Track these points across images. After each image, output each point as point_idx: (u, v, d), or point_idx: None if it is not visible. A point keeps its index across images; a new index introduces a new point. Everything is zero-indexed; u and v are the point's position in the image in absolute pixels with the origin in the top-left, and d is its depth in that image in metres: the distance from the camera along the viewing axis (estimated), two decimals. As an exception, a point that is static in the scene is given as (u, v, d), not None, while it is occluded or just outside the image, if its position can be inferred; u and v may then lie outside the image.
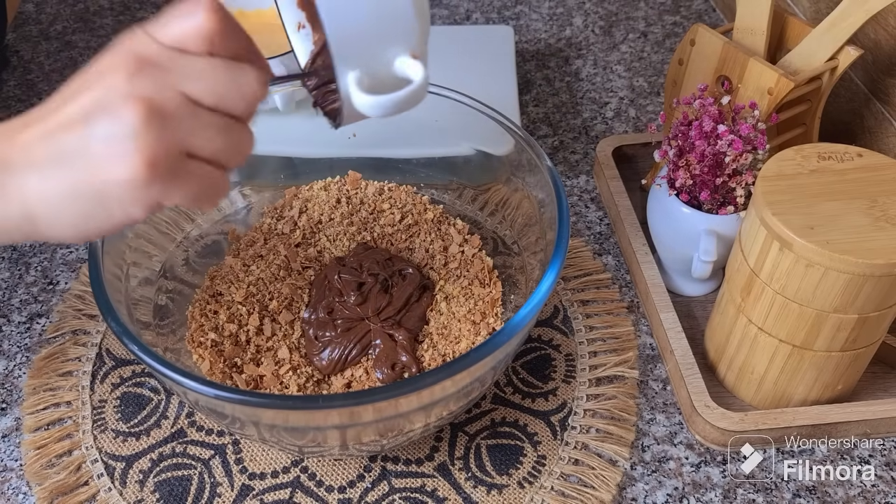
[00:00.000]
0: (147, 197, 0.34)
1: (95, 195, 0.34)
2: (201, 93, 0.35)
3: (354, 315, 0.58)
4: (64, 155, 0.34)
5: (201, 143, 0.35)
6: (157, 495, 0.54)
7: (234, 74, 0.36)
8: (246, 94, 0.36)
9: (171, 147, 0.34)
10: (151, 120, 0.33)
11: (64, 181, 0.34)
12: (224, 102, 0.36)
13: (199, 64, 0.35)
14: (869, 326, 0.51)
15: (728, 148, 0.57)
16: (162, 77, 0.34)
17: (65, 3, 1.07)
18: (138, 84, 0.34)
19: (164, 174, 0.34)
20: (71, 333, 0.64)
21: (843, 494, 0.54)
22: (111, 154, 0.33)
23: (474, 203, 0.66)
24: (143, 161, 0.33)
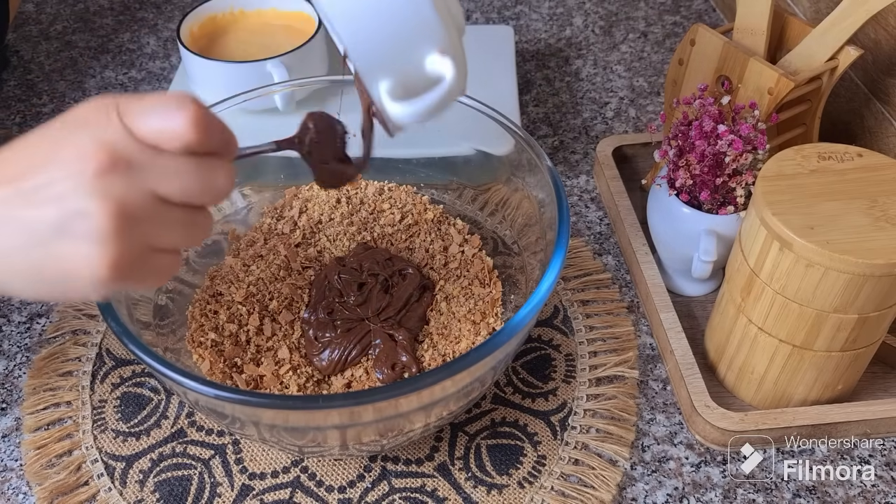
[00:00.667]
0: (106, 290, 0.34)
1: (54, 277, 0.34)
2: (171, 192, 0.35)
3: (354, 315, 0.58)
4: (26, 230, 0.33)
5: (165, 239, 0.35)
6: (157, 495, 0.54)
7: (206, 174, 0.35)
8: (215, 191, 0.36)
9: (136, 248, 0.34)
10: (120, 225, 0.33)
11: (22, 254, 0.34)
12: (192, 199, 0.36)
13: (173, 164, 0.34)
14: (869, 326, 0.51)
15: (728, 148, 0.57)
16: (135, 178, 0.33)
17: (65, 3, 1.07)
18: (110, 184, 0.33)
19: (125, 275, 0.34)
20: (71, 333, 0.64)
21: (843, 494, 0.54)
22: (76, 253, 0.33)
23: (474, 203, 0.66)
24: (108, 265, 0.33)
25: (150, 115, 0.34)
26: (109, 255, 0.33)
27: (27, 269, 0.34)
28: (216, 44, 0.77)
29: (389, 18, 0.35)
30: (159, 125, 0.34)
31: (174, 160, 0.34)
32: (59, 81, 0.92)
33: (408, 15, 0.35)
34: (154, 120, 0.34)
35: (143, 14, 1.05)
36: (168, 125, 0.34)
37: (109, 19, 1.04)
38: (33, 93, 0.91)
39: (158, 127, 0.34)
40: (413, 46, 0.36)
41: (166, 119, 0.34)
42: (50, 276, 0.34)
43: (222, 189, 0.36)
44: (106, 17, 1.05)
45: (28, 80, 0.93)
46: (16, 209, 0.33)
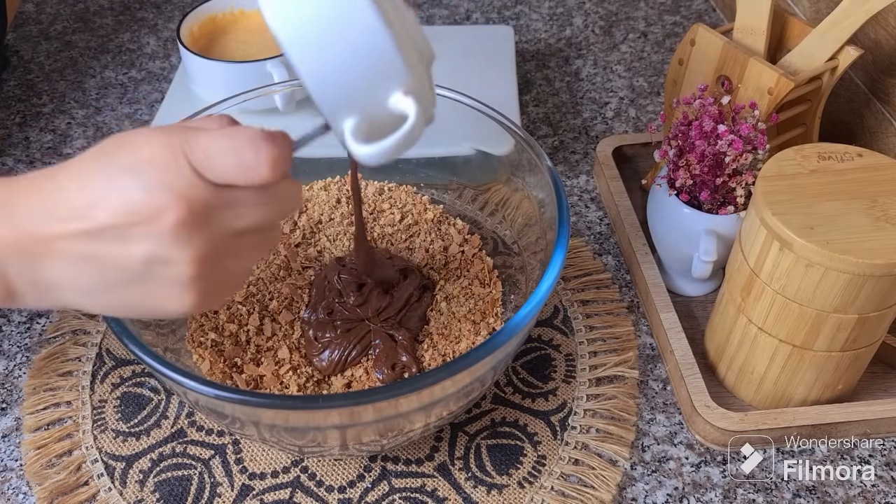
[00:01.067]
0: (195, 313, 0.37)
1: (140, 310, 0.36)
2: (248, 226, 0.36)
3: (354, 316, 0.58)
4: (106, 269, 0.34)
5: (242, 265, 0.38)
6: (157, 495, 0.54)
7: (280, 202, 0.37)
8: (288, 213, 0.38)
9: (216, 281, 0.36)
10: (203, 270, 0.35)
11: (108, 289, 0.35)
12: (266, 224, 0.37)
13: (248, 200, 0.35)
14: (869, 326, 0.51)
15: (728, 148, 0.57)
16: (213, 224, 0.34)
17: (65, 3, 1.07)
18: (189, 235, 0.33)
19: (205, 306, 0.36)
20: (71, 333, 0.64)
21: (843, 494, 0.54)
22: (163, 294, 0.35)
23: (474, 203, 0.66)
24: (193, 303, 0.35)
25: (223, 159, 0.34)
26: (194, 295, 0.35)
27: (112, 300, 0.36)
28: (216, 44, 0.77)
29: (352, 61, 0.35)
30: (236, 169, 0.34)
31: (249, 197, 0.35)
32: (59, 81, 0.92)
33: (371, 58, 0.35)
34: (229, 164, 0.34)
35: (143, 14, 1.05)
36: (246, 167, 0.34)
37: (109, 19, 1.04)
38: (33, 93, 0.91)
39: (235, 170, 0.34)
40: (376, 88, 0.36)
41: (243, 163, 0.34)
42: (136, 309, 0.36)
43: (294, 208, 0.38)
44: (106, 17, 1.05)
45: (28, 80, 0.93)
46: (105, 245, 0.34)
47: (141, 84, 0.92)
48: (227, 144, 0.34)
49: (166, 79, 0.93)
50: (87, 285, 0.35)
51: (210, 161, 0.34)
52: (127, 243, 0.33)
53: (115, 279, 0.35)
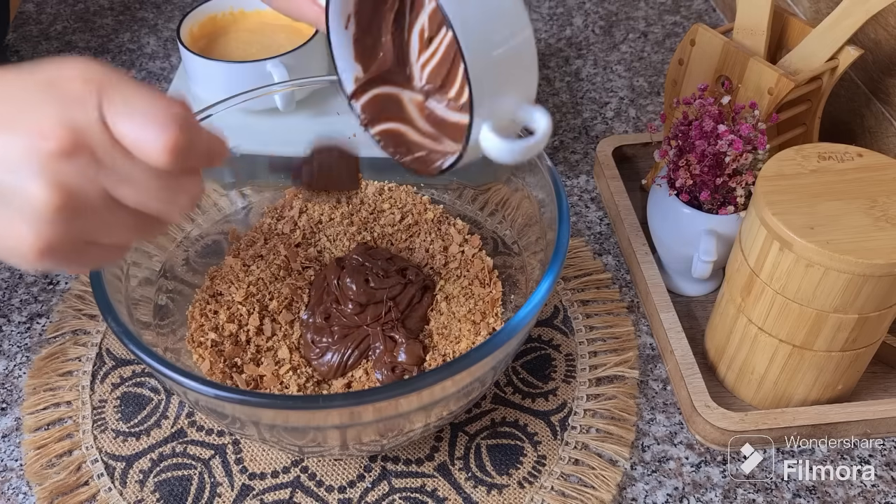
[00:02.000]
0: (34, 266, 0.33)
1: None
2: (127, 197, 0.33)
3: (352, 322, 0.57)
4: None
5: (107, 237, 0.34)
6: (157, 495, 0.54)
7: (170, 193, 0.33)
8: (174, 208, 0.34)
9: (71, 238, 0.32)
10: (60, 215, 0.31)
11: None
12: (149, 210, 0.34)
13: (137, 173, 0.32)
14: (869, 326, 0.51)
15: (728, 148, 0.57)
16: (91, 172, 0.31)
17: (65, 3, 1.07)
18: (63, 170, 0.30)
19: (54, 258, 0.32)
20: (71, 333, 0.64)
21: (843, 494, 0.54)
22: (9, 226, 0.31)
23: (474, 203, 0.66)
24: (37, 248, 0.31)
25: (131, 119, 0.32)
26: (41, 240, 0.31)
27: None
28: (216, 44, 0.77)
29: (510, 63, 0.38)
30: (135, 135, 0.31)
31: (139, 171, 0.32)
32: (59, 81, 0.92)
33: (522, 63, 0.38)
34: (133, 127, 0.31)
35: (143, 14, 1.05)
36: (144, 140, 0.31)
37: (109, 19, 1.04)
38: (33, 93, 0.90)
39: (134, 136, 0.31)
40: (517, 93, 0.39)
41: (145, 132, 0.31)
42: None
43: (183, 208, 0.35)
44: (106, 17, 1.05)
45: (28, 80, 0.93)
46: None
47: (141, 84, 0.92)
48: (144, 105, 0.32)
49: (166, 79, 0.93)
50: None
51: (119, 116, 0.32)
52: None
53: None
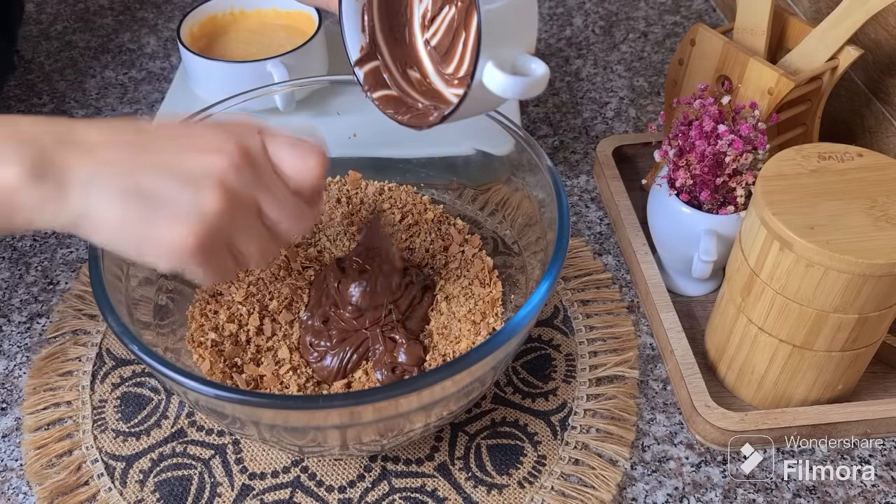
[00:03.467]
0: (176, 262, 0.38)
1: (143, 236, 0.37)
2: (270, 212, 0.40)
3: (350, 327, 0.57)
4: (137, 193, 0.37)
5: (244, 245, 0.40)
6: (157, 495, 0.54)
7: (302, 215, 0.41)
8: (298, 230, 0.42)
9: (221, 238, 0.38)
10: (223, 210, 0.37)
11: (123, 211, 0.37)
12: (279, 227, 0.41)
13: (283, 193, 0.40)
14: (869, 326, 0.51)
15: (728, 148, 0.57)
16: (252, 180, 0.39)
17: (65, 3, 1.07)
18: (231, 175, 0.38)
19: (202, 255, 0.38)
20: (71, 333, 0.64)
21: (844, 494, 0.54)
22: (172, 217, 0.37)
23: (474, 203, 0.66)
24: (196, 238, 0.37)
25: (287, 148, 0.41)
26: (200, 233, 0.37)
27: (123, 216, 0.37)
28: (216, 44, 0.77)
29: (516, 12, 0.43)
30: (291, 160, 0.40)
31: (285, 190, 0.40)
32: (60, 81, 0.92)
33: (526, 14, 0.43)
34: (294, 154, 0.41)
35: (143, 14, 1.05)
36: (299, 164, 0.40)
37: (109, 19, 1.04)
38: (33, 93, 0.91)
39: (290, 160, 0.40)
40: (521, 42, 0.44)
41: (299, 159, 0.40)
42: (139, 231, 0.37)
43: (304, 230, 0.42)
44: (106, 17, 1.05)
45: (28, 80, 0.93)
46: (144, 172, 0.37)
47: (141, 84, 0.92)
48: (294, 139, 0.41)
49: (166, 79, 0.93)
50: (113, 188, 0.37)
51: (277, 145, 0.40)
52: (178, 156, 0.38)
53: (148, 191, 0.37)
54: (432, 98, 0.50)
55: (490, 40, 0.41)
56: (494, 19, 0.41)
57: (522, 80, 0.42)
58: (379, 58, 0.51)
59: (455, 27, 0.47)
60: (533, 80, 0.42)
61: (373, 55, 0.51)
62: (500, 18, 0.41)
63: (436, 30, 0.49)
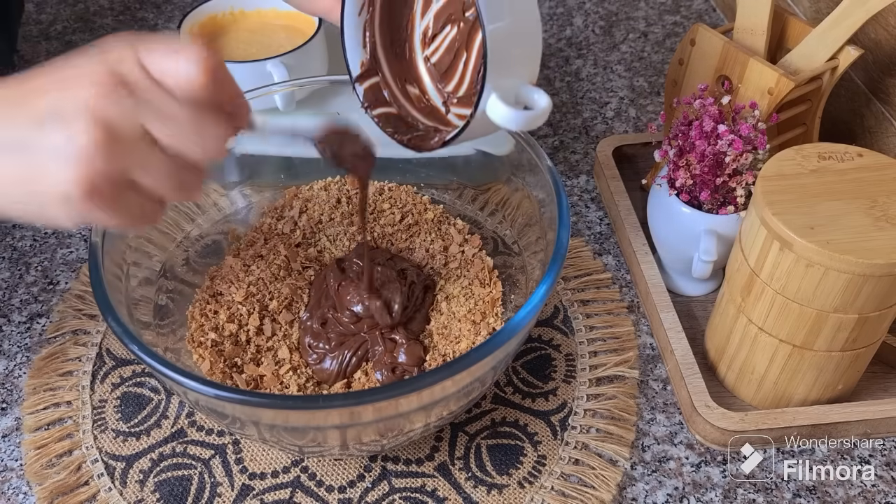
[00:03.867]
0: (75, 214, 0.35)
1: (30, 191, 0.34)
2: (161, 134, 0.35)
3: (348, 331, 0.57)
4: (11, 143, 0.34)
5: (146, 179, 0.35)
6: (157, 495, 0.54)
7: (200, 127, 0.35)
8: (205, 149, 0.36)
9: (112, 175, 0.34)
10: (101, 145, 0.33)
11: (4, 165, 0.34)
12: (181, 150, 0.36)
13: (171, 107, 0.35)
14: (869, 326, 0.51)
15: (728, 148, 0.57)
16: (130, 105, 0.34)
17: (65, 3, 1.07)
18: (103, 103, 0.33)
19: (97, 198, 0.34)
20: (71, 333, 0.64)
21: (844, 494, 0.54)
22: (52, 165, 0.33)
23: (474, 203, 0.66)
24: (80, 181, 0.33)
25: (166, 55, 0.35)
26: (83, 173, 0.33)
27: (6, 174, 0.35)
28: (216, 44, 0.77)
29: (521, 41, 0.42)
30: (171, 66, 0.35)
31: (174, 103, 0.35)
32: (60, 81, 0.92)
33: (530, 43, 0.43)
34: (169, 60, 0.35)
35: (143, 14, 1.05)
36: (180, 68, 0.35)
37: (109, 19, 1.04)
38: (33, 93, 0.90)
39: (170, 67, 0.35)
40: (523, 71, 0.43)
41: (179, 62, 0.35)
42: (24, 186, 0.35)
43: (213, 150, 0.36)
44: (106, 17, 1.05)
45: (28, 80, 0.93)
46: (16, 126, 0.34)
47: (141, 84, 0.92)
48: (178, 45, 0.35)
49: (166, 79, 0.93)
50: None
51: (155, 55, 0.35)
52: (39, 95, 0.34)
53: (21, 141, 0.34)
54: (431, 116, 0.50)
55: (495, 71, 0.41)
56: (499, 49, 0.40)
57: (525, 114, 0.42)
58: (379, 74, 0.50)
59: (456, 47, 0.47)
60: (536, 113, 0.42)
61: (373, 71, 0.50)
62: (504, 48, 0.41)
63: (436, 48, 0.48)
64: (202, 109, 0.36)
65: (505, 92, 0.41)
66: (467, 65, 0.47)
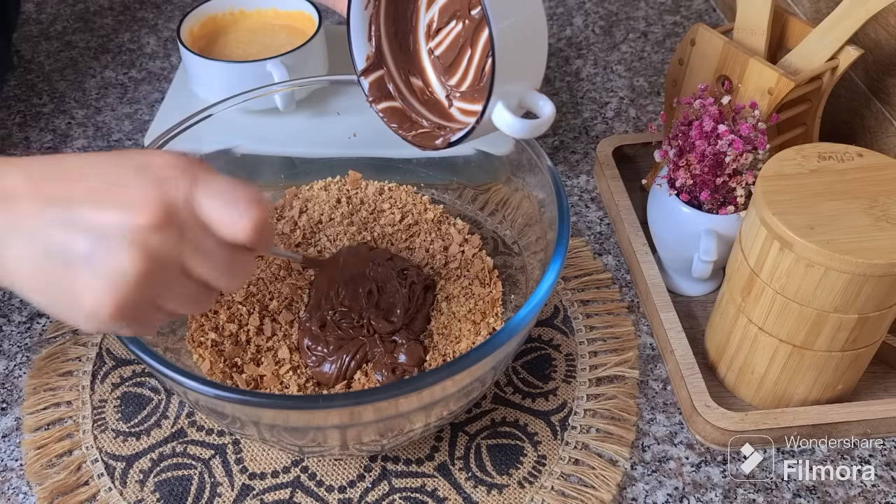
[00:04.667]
0: (100, 327, 0.36)
1: (56, 297, 0.35)
2: (198, 269, 0.37)
3: (346, 335, 0.57)
4: (49, 252, 0.34)
5: (170, 303, 0.37)
6: (157, 495, 0.54)
7: (234, 267, 0.38)
8: (234, 282, 0.38)
9: (143, 303, 0.36)
10: (142, 275, 0.34)
11: (35, 272, 0.35)
12: (211, 281, 0.38)
13: (212, 247, 0.36)
14: (869, 326, 0.51)
15: (728, 148, 0.57)
16: (176, 245, 0.35)
17: (65, 3, 1.07)
18: (153, 241, 0.34)
19: (123, 320, 0.35)
20: (71, 333, 0.64)
21: (844, 494, 0.54)
22: (88, 285, 0.34)
23: (474, 203, 0.66)
24: (112, 307, 0.34)
25: (219, 201, 0.36)
26: (118, 300, 0.34)
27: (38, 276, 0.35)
28: (216, 44, 0.77)
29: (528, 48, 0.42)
30: (223, 215, 0.36)
31: (214, 245, 0.36)
32: (60, 81, 0.92)
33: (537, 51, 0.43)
34: (220, 208, 0.36)
35: (143, 14, 1.05)
36: (230, 222, 0.36)
37: (109, 19, 1.04)
38: (33, 93, 0.91)
39: (220, 216, 0.36)
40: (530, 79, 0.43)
41: (232, 214, 0.36)
42: (56, 292, 0.35)
43: (240, 283, 0.39)
44: (106, 17, 1.05)
45: (28, 80, 0.93)
46: (53, 228, 0.34)
47: (141, 84, 0.92)
48: (230, 188, 0.36)
49: (166, 79, 0.93)
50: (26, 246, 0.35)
51: (208, 197, 0.36)
52: (89, 222, 0.34)
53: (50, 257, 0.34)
54: (434, 110, 0.50)
55: (501, 78, 0.41)
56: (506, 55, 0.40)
57: (530, 123, 0.42)
58: (384, 67, 0.51)
59: (461, 43, 0.47)
60: (541, 122, 0.42)
61: (378, 64, 0.50)
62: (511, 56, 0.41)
63: (440, 41, 0.49)
64: (238, 251, 0.38)
65: (510, 99, 0.41)
66: (471, 61, 0.47)
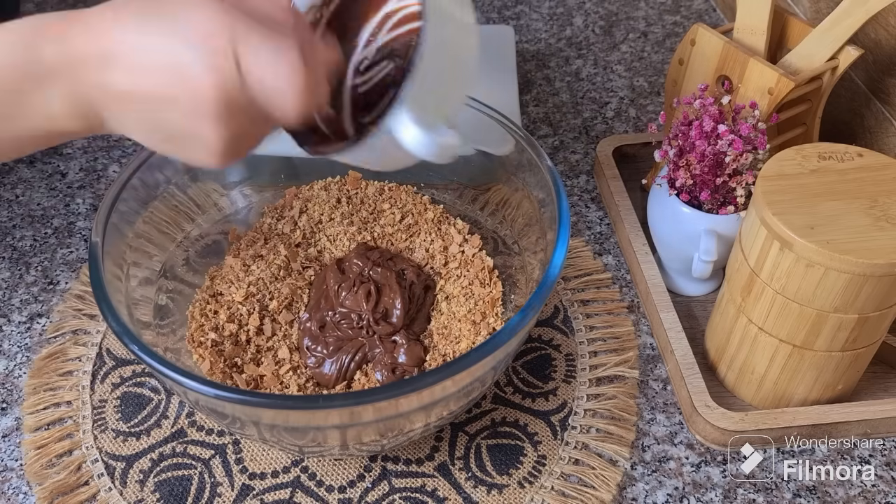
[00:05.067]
0: (220, 164, 0.39)
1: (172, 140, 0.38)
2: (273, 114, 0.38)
3: (346, 336, 0.57)
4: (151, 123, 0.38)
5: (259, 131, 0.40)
6: (157, 495, 0.54)
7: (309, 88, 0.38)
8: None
9: (237, 145, 0.38)
10: (230, 147, 0.38)
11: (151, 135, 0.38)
12: None
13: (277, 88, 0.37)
14: (869, 326, 0.51)
15: (728, 148, 0.57)
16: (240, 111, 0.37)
17: (65, 3, 1.07)
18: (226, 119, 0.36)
19: (230, 160, 0.39)
20: (71, 333, 0.64)
21: (844, 494, 0.54)
22: (193, 154, 0.38)
23: (474, 203, 0.66)
24: (217, 162, 0.38)
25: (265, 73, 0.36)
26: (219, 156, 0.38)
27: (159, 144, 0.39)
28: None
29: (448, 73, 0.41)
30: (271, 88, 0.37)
31: None
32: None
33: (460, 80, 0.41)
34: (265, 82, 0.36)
35: (143, 14, 1.05)
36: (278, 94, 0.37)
37: (109, 19, 1.04)
38: (33, 93, 0.90)
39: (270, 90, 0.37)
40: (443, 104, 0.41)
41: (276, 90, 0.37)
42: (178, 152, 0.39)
43: None
44: (106, 16, 1.05)
45: (28, 79, 0.93)
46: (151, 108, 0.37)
47: (141, 84, 0.92)
48: (273, 59, 0.36)
49: (166, 79, 0.93)
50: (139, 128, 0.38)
51: (250, 65, 0.36)
52: (168, 111, 0.37)
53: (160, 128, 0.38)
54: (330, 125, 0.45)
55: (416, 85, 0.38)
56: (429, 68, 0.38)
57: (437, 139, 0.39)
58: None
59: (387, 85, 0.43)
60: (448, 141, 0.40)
61: None
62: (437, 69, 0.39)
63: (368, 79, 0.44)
64: None
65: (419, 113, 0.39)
66: None
